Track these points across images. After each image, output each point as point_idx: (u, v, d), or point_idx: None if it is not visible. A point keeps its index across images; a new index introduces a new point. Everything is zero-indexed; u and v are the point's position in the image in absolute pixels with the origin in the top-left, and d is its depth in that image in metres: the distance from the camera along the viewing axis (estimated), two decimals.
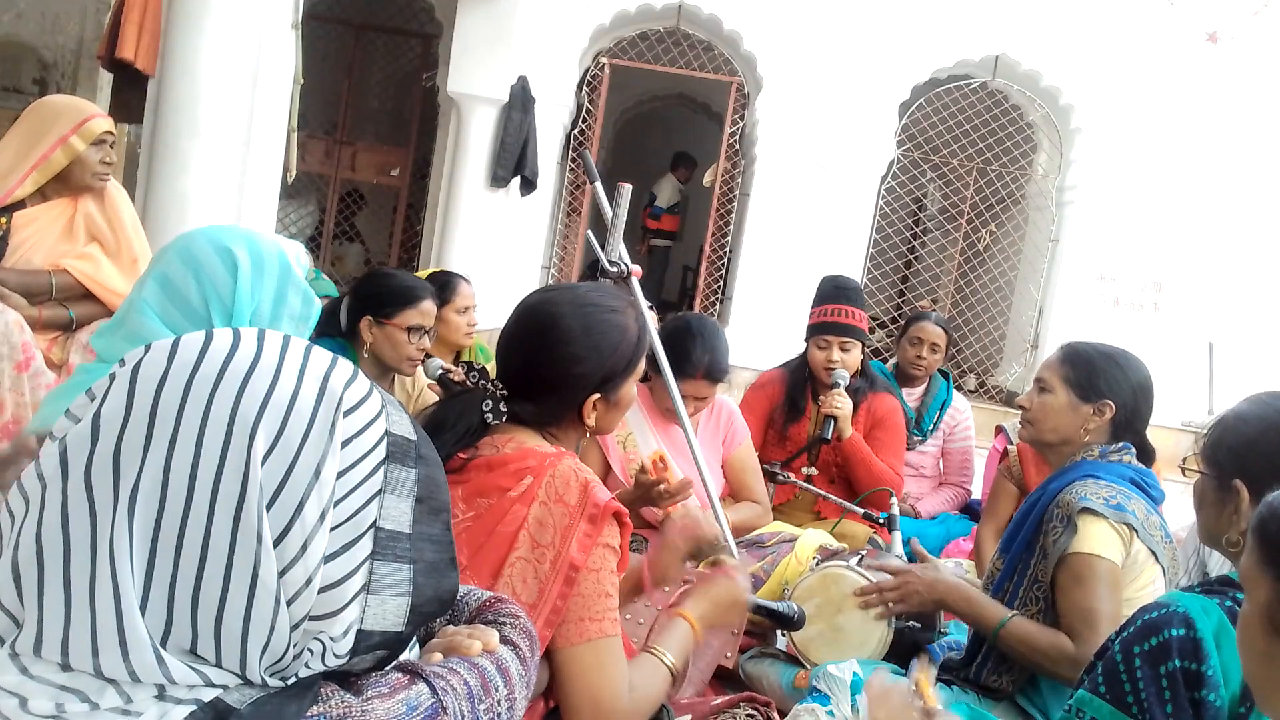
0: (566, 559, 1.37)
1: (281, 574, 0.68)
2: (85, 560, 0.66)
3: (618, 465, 2.79)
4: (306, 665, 0.72)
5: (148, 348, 0.71)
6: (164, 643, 0.68)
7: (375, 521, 0.72)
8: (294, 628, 0.70)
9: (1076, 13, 7.67)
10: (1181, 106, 7.71)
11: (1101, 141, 7.81)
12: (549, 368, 1.50)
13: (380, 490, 0.73)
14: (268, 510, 0.67)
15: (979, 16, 7.73)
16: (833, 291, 3.40)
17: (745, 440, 3.04)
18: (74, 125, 2.75)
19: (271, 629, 0.69)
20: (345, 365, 0.75)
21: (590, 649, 1.37)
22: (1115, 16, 7.67)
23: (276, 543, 0.68)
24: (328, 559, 0.70)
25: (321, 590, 0.70)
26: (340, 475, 0.70)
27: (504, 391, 1.50)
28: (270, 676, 0.71)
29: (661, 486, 2.38)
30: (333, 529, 0.70)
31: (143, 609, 0.67)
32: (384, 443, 0.74)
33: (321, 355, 0.74)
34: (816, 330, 3.33)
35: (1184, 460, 1.61)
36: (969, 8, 7.74)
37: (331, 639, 0.71)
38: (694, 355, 2.79)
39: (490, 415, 1.48)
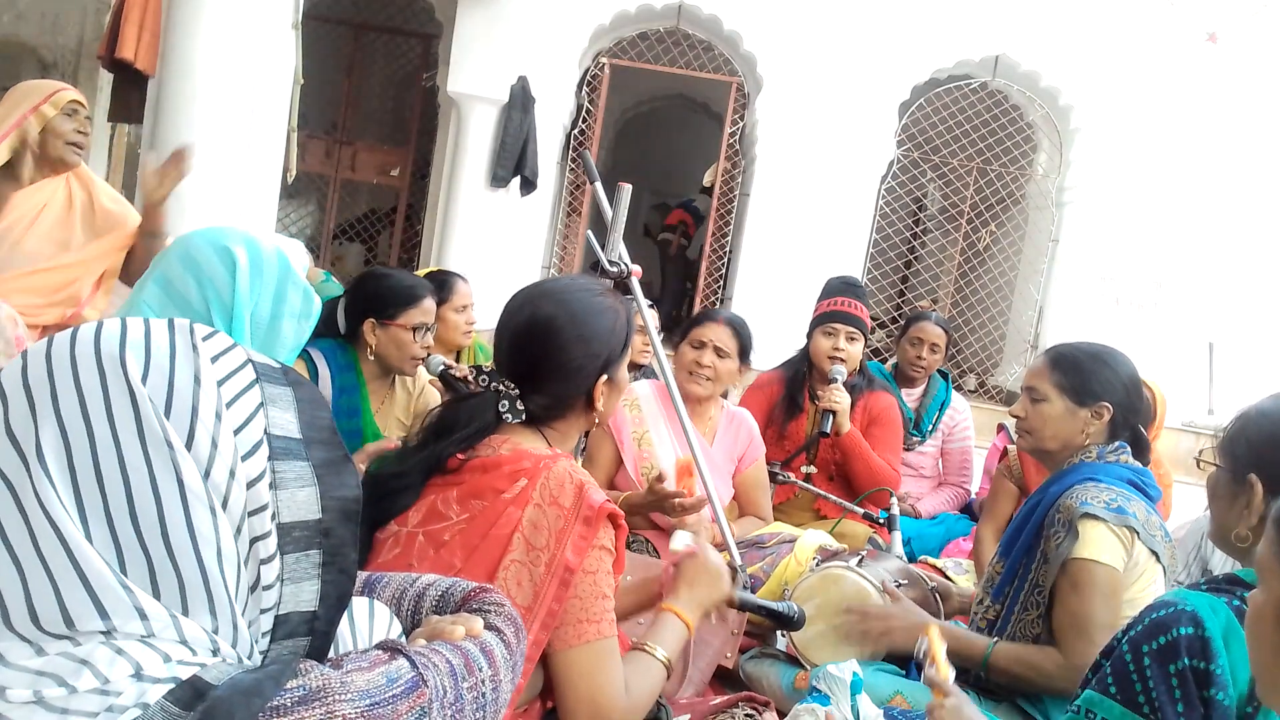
0: (561, 561, 1.37)
1: (206, 475, 0.70)
2: (18, 522, 0.68)
3: (630, 462, 2.80)
4: (263, 608, 0.73)
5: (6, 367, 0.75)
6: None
7: (266, 429, 0.75)
8: (236, 533, 0.72)
9: (1076, 13, 7.67)
10: (1181, 106, 7.71)
11: (1101, 141, 7.81)
12: (563, 355, 1.51)
13: (262, 403, 0.76)
14: (167, 418, 0.70)
15: (979, 16, 7.73)
16: (841, 286, 3.46)
17: (760, 457, 3.06)
18: (45, 95, 2.85)
19: (217, 539, 0.70)
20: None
21: (588, 651, 1.37)
22: (1115, 16, 7.67)
23: (188, 446, 0.70)
24: (244, 458, 0.73)
25: (249, 486, 0.72)
26: (220, 384, 0.73)
27: (516, 390, 1.51)
28: (241, 617, 0.72)
29: (677, 500, 2.39)
30: (235, 432, 0.73)
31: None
32: (250, 365, 0.77)
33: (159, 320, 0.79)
34: (824, 319, 3.36)
35: (1200, 453, 1.60)
36: (969, 8, 7.74)
37: (261, 539, 0.73)
38: (711, 311, 3.02)
39: (509, 415, 1.50)
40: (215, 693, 0.68)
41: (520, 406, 1.50)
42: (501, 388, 1.51)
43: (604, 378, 1.55)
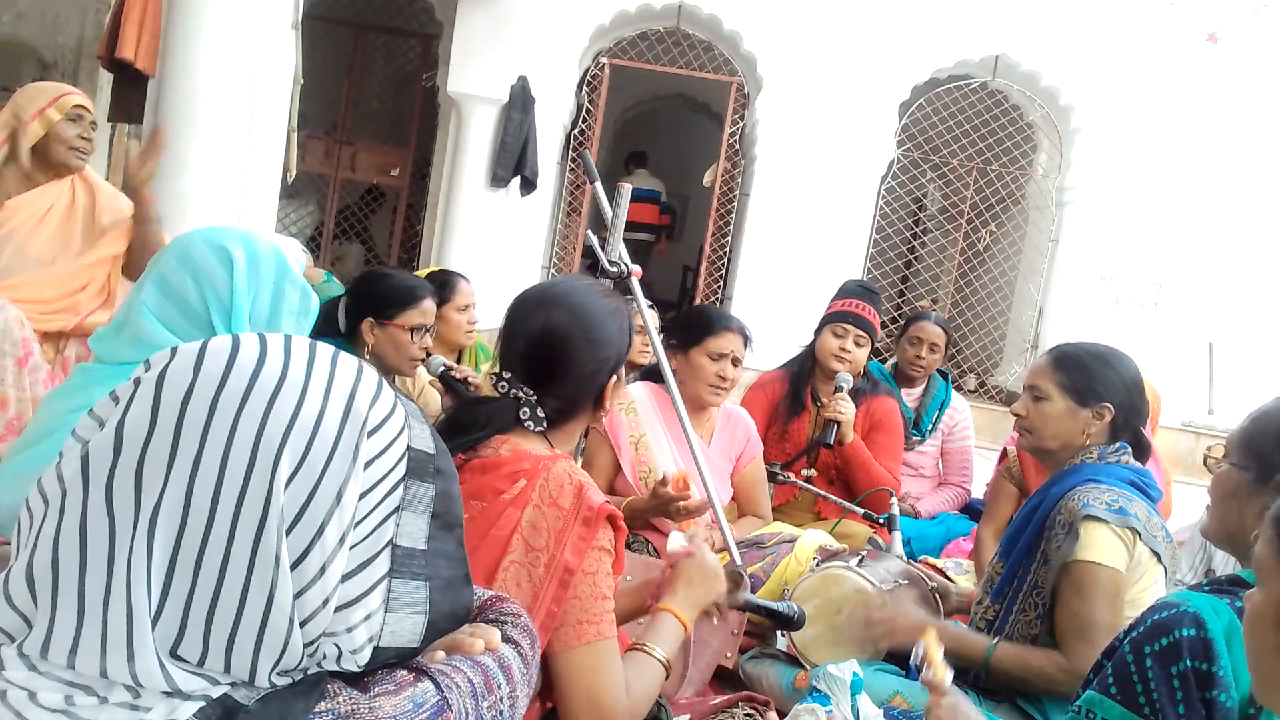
0: (561, 562, 1.38)
1: (297, 595, 0.68)
2: (101, 574, 0.66)
3: (628, 466, 2.79)
4: (319, 665, 0.73)
5: (174, 353, 0.71)
6: (173, 653, 0.68)
7: (392, 539, 0.73)
8: (307, 644, 0.70)
9: (1076, 13, 7.67)
10: (1181, 106, 7.70)
11: (1101, 141, 7.81)
12: (577, 361, 1.53)
13: (398, 508, 0.73)
14: (287, 534, 0.68)
15: (979, 16, 7.73)
16: (859, 290, 3.46)
17: (758, 455, 3.05)
18: (51, 99, 2.86)
19: (284, 648, 0.69)
20: (370, 379, 0.74)
21: (589, 651, 1.37)
22: (1115, 16, 7.67)
23: (294, 565, 0.68)
24: (345, 578, 0.70)
25: (338, 609, 0.70)
26: (361, 496, 0.71)
27: (535, 395, 1.51)
28: (279, 679, 0.71)
29: (681, 503, 2.39)
30: (352, 548, 0.70)
31: (155, 622, 0.67)
32: (404, 460, 0.74)
33: (347, 369, 0.74)
34: (836, 318, 3.34)
35: (1208, 449, 1.58)
36: (969, 8, 7.74)
37: (352, 652, 0.72)
38: (721, 316, 2.91)
39: (531, 422, 1.51)
40: (245, 714, 0.68)
41: (541, 414, 1.51)
42: (521, 394, 1.51)
43: (613, 379, 1.58)
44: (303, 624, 0.69)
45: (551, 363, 1.53)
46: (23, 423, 2.56)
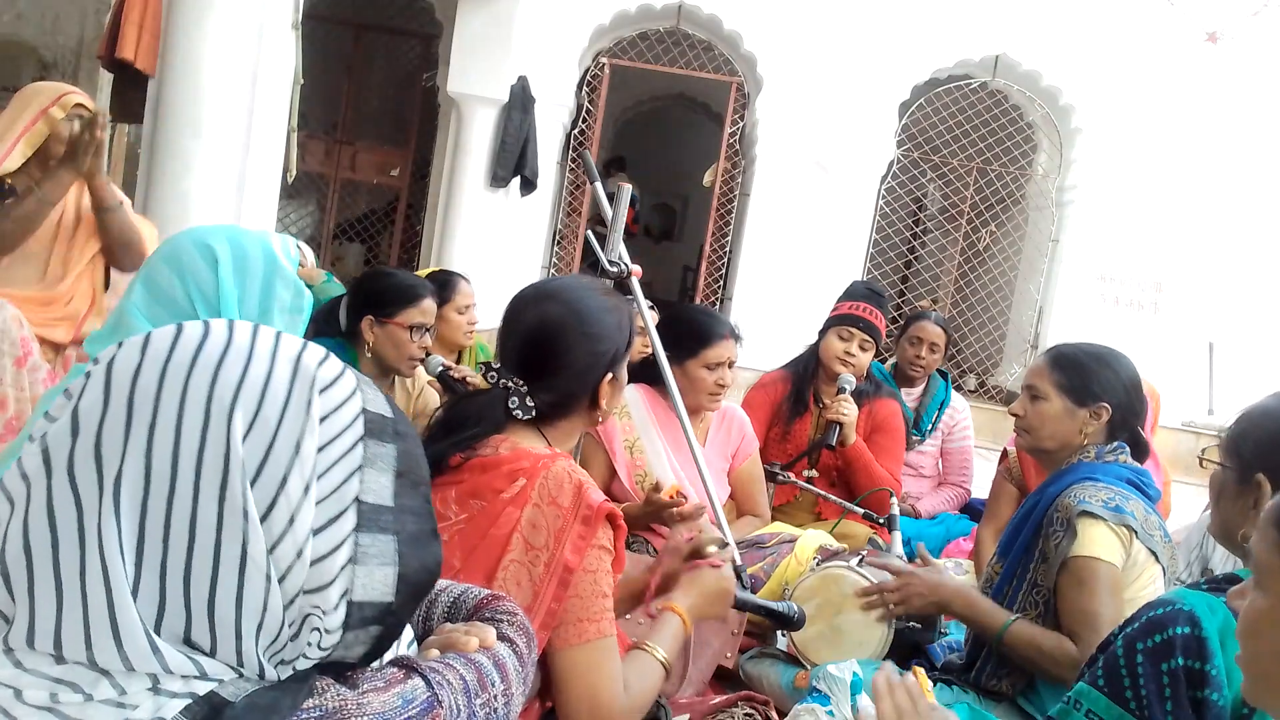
0: (560, 561, 1.38)
1: (271, 550, 0.69)
2: (74, 550, 0.67)
3: (623, 470, 2.78)
4: (304, 655, 0.73)
5: (120, 344, 0.73)
6: (158, 629, 0.68)
7: (357, 496, 0.73)
8: (287, 605, 0.70)
9: (1076, 13, 7.67)
10: (1181, 106, 7.71)
11: (1101, 141, 7.81)
12: (571, 354, 1.53)
13: (360, 465, 0.74)
14: (251, 486, 0.68)
15: (979, 16, 7.73)
16: (866, 292, 3.44)
17: (754, 452, 3.04)
18: (54, 99, 2.85)
19: (264, 607, 0.69)
20: (317, 348, 0.76)
21: (589, 650, 1.37)
22: (1115, 16, 7.67)
23: (263, 518, 0.69)
24: (315, 532, 0.71)
25: (312, 564, 0.71)
26: (320, 450, 0.71)
27: (525, 387, 1.51)
28: (269, 662, 0.71)
29: (675, 510, 2.38)
30: (318, 503, 0.71)
31: (135, 595, 0.67)
32: (361, 419, 0.75)
33: (292, 339, 0.75)
34: (843, 320, 3.33)
35: (1203, 451, 1.59)
36: (969, 8, 7.74)
37: (324, 613, 0.72)
38: (713, 323, 2.87)
39: (519, 411, 1.51)
40: (231, 710, 0.68)
41: (530, 403, 1.51)
42: (510, 384, 1.52)
43: (609, 376, 1.57)
44: (280, 580, 0.69)
45: (545, 355, 1.53)
46: (21, 422, 2.57)
